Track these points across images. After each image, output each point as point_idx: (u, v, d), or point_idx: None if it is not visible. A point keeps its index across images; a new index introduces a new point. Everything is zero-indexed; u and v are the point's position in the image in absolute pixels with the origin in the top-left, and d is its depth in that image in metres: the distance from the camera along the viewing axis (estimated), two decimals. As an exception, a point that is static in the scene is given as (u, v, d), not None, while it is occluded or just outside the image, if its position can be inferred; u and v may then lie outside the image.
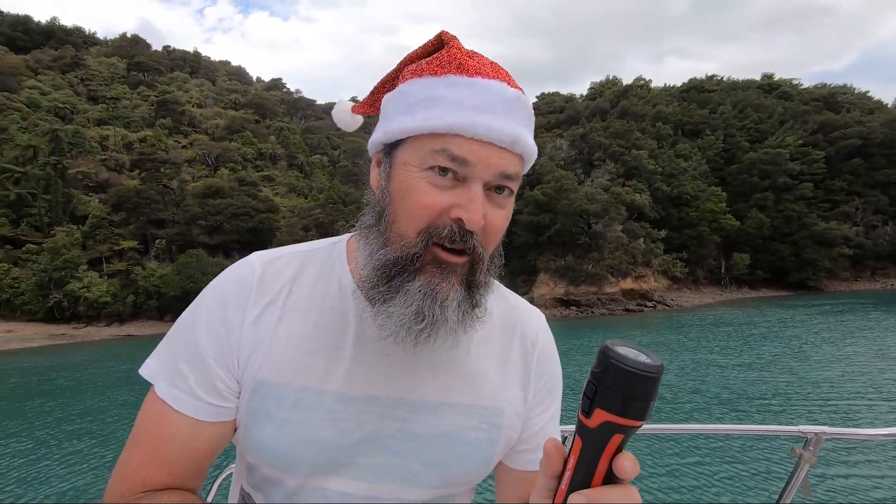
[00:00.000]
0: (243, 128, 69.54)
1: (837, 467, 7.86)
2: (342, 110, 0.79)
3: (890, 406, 11.51)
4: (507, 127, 0.63)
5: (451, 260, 0.64)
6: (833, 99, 69.13)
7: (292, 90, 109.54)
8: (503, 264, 0.73)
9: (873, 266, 55.44)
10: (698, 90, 75.44)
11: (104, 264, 42.87)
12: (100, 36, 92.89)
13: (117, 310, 39.92)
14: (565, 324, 35.05)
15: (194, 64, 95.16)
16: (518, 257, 45.00)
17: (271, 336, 0.70)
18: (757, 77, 79.91)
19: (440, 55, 0.67)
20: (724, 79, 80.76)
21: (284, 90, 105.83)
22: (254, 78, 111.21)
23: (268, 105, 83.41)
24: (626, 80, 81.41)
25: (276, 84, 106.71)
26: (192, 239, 45.89)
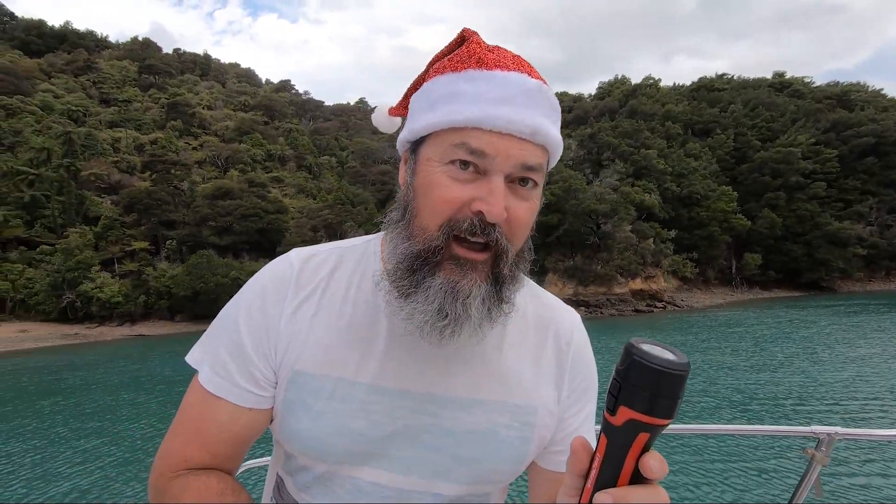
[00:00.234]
0: (252, 129, 70.02)
1: (850, 468, 7.74)
2: (380, 113, 0.81)
3: (905, 408, 11.32)
4: (527, 118, 0.63)
5: (471, 257, 0.64)
6: (846, 97, 68.23)
7: (301, 92, 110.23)
8: (534, 258, 0.72)
9: (888, 266, 54.57)
10: (708, 89, 74.79)
11: (116, 265, 43.36)
12: (112, 39, 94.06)
13: (129, 310, 40.33)
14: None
15: (204, 66, 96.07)
16: (526, 258, 44.77)
17: (308, 328, 0.72)
18: (768, 75, 79.21)
19: (460, 51, 0.68)
20: (735, 77, 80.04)
21: (293, 92, 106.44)
22: (263, 80, 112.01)
23: (277, 107, 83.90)
24: (635, 80, 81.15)
25: (285, 86, 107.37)
26: (203, 240, 46.27)
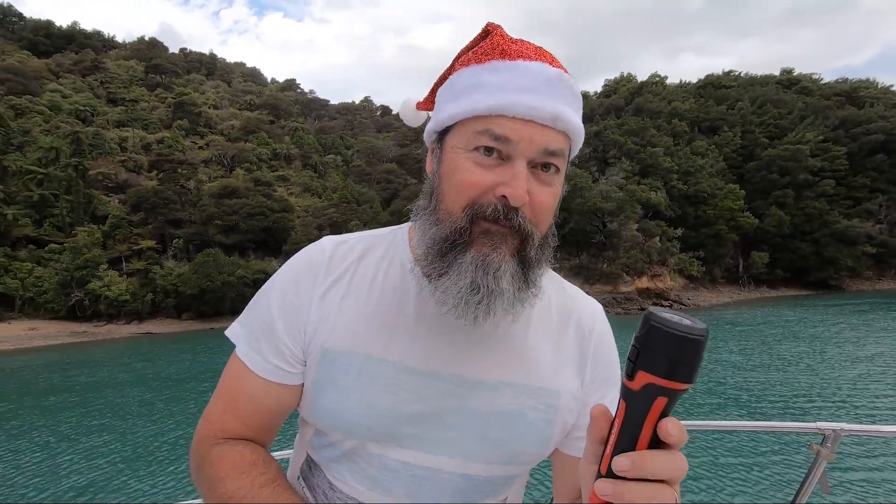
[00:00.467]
0: (258, 128, 70.22)
1: (856, 464, 7.68)
2: (407, 107, 0.83)
3: (914, 407, 11.22)
4: (548, 105, 0.65)
5: (499, 230, 0.66)
6: (855, 94, 67.47)
7: (306, 91, 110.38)
8: (557, 245, 0.75)
9: (897, 265, 54.03)
10: (715, 86, 74.13)
11: (123, 263, 43.64)
12: (119, 39, 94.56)
13: (136, 308, 40.60)
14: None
15: (210, 66, 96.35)
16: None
17: (337, 310, 0.76)
18: (776, 72, 78.38)
19: (484, 44, 0.70)
20: (742, 74, 79.22)
21: (298, 91, 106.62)
22: (268, 79, 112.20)
23: (282, 106, 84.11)
24: (641, 77, 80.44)
25: (290, 85, 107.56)
26: (209, 238, 46.49)
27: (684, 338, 0.42)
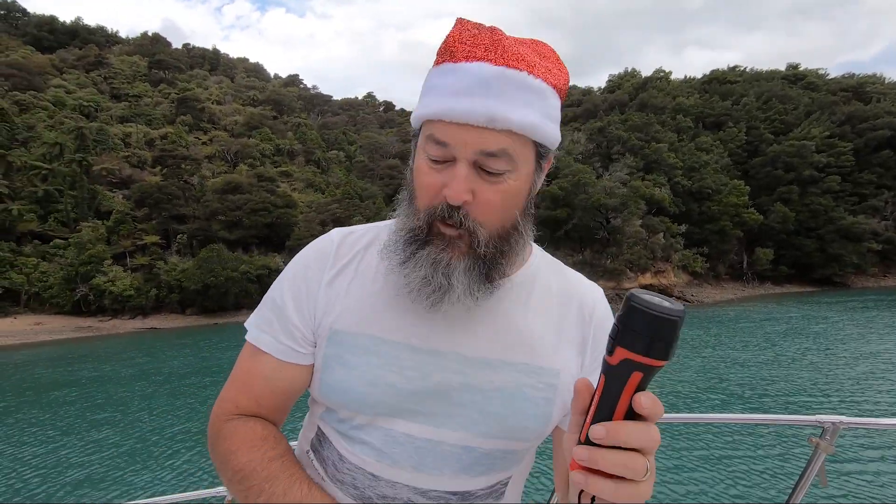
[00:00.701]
0: (261, 124, 70.27)
1: (856, 456, 7.63)
2: None
3: (919, 404, 11.13)
4: (481, 107, 0.66)
5: (448, 232, 0.71)
6: (861, 89, 66.91)
7: (309, 86, 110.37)
8: (535, 239, 0.79)
9: (903, 262, 53.66)
10: (720, 81, 73.68)
11: (128, 259, 43.82)
12: (122, 35, 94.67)
13: (141, 303, 40.78)
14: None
15: (213, 61, 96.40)
16: (534, 252, 44.61)
17: (345, 293, 0.81)
18: (782, 67, 77.78)
19: (441, 45, 0.71)
20: (748, 69, 78.73)
21: (301, 86, 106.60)
22: (271, 74, 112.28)
23: (285, 101, 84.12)
24: (646, 73, 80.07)
25: (293, 80, 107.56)
26: (213, 234, 46.61)
27: (661, 317, 0.45)
